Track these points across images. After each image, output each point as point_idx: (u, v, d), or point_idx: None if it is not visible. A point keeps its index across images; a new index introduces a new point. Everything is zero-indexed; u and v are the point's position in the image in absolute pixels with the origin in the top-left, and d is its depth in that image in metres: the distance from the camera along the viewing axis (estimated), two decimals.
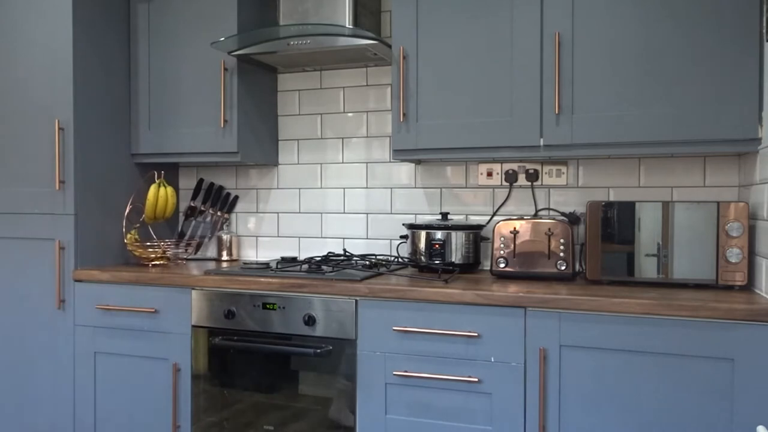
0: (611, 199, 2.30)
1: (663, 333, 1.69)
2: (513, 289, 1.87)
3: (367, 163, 2.65)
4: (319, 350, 2.00)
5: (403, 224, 2.39)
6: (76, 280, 2.35)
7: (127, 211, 2.56)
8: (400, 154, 2.24)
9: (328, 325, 2.01)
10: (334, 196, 2.69)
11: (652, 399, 1.71)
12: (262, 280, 2.08)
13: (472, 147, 2.13)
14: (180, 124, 2.52)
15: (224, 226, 2.80)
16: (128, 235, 2.51)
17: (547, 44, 2.02)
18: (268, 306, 2.08)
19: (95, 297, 2.31)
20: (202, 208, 2.82)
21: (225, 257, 2.72)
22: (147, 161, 2.61)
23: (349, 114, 2.67)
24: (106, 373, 2.32)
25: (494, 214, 2.45)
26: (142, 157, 2.61)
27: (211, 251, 2.86)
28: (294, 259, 2.52)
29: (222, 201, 2.81)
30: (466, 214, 2.50)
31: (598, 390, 1.75)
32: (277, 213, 2.79)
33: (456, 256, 2.27)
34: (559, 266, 2.07)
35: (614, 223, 1.98)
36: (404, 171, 2.59)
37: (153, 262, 2.48)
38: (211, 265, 2.54)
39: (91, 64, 2.42)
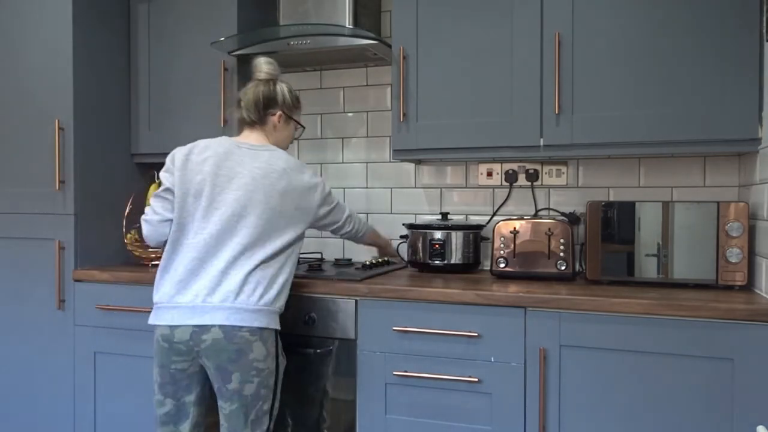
0: (611, 199, 2.30)
1: (663, 333, 1.69)
2: (513, 289, 1.87)
3: (367, 163, 2.65)
4: (319, 350, 2.00)
5: (403, 224, 2.39)
6: (76, 280, 2.35)
7: (127, 211, 2.56)
8: (400, 154, 2.24)
9: (328, 325, 2.01)
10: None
11: (652, 399, 1.71)
12: None
13: (472, 147, 2.13)
14: (180, 124, 2.52)
15: None
16: (128, 235, 2.51)
17: (547, 44, 2.02)
18: None
19: (95, 297, 2.31)
20: None
21: None
22: (147, 161, 2.61)
23: (349, 114, 2.67)
24: (106, 373, 2.32)
25: (494, 214, 2.45)
26: (142, 157, 2.61)
27: None
28: None
29: None
30: (466, 214, 2.50)
31: (598, 390, 1.75)
32: None
33: (456, 256, 2.27)
34: (559, 266, 2.07)
35: (614, 223, 1.98)
36: (404, 171, 2.59)
37: (153, 262, 2.48)
38: None
39: (91, 64, 2.42)
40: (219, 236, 1.76)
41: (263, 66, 1.95)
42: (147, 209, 1.87)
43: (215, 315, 1.71)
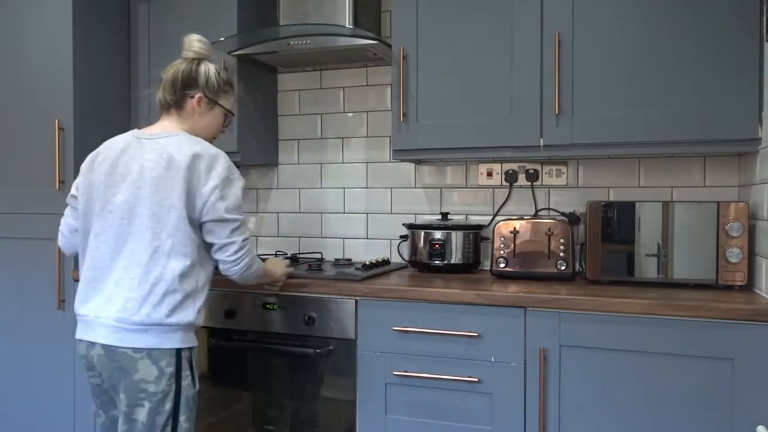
0: (611, 199, 2.30)
1: (663, 333, 1.69)
2: (513, 289, 1.87)
3: (367, 163, 2.65)
4: (319, 350, 2.00)
5: (403, 224, 2.39)
6: (76, 280, 2.34)
7: None
8: (400, 154, 2.24)
9: (328, 325, 2.01)
10: (334, 196, 2.69)
11: (652, 399, 1.71)
12: None
13: (472, 147, 2.13)
14: None
15: None
16: None
17: (547, 44, 2.02)
18: (268, 306, 2.08)
19: None
20: None
21: None
22: None
23: (349, 114, 2.67)
24: None
25: (495, 215, 2.45)
26: None
27: None
28: (294, 258, 2.52)
29: None
30: (466, 214, 2.50)
31: (598, 390, 1.75)
32: (277, 213, 2.79)
33: (456, 256, 2.27)
34: (559, 266, 2.07)
35: (614, 223, 1.98)
36: (404, 171, 2.59)
37: None
38: None
39: (91, 65, 2.42)
40: (113, 243, 1.59)
41: (194, 44, 1.74)
42: (61, 220, 1.78)
43: (99, 332, 1.57)
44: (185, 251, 1.58)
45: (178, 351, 1.58)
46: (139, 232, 1.58)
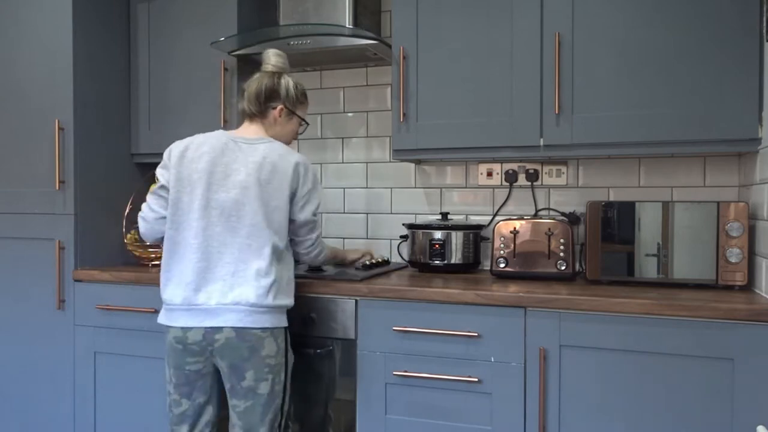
0: (611, 199, 2.31)
1: (663, 333, 1.69)
2: (513, 289, 1.87)
3: (367, 163, 2.65)
4: (319, 350, 2.00)
5: (403, 224, 2.39)
6: (76, 280, 2.35)
7: (127, 211, 2.56)
8: (400, 154, 2.24)
9: (328, 325, 2.01)
10: (334, 196, 2.69)
11: (652, 399, 1.71)
12: None
13: (472, 147, 2.13)
14: (180, 124, 2.52)
15: None
16: (128, 235, 2.51)
17: (547, 44, 2.02)
18: None
19: (95, 297, 2.31)
20: None
21: None
22: (147, 161, 2.61)
23: (349, 114, 2.67)
24: (106, 373, 2.32)
25: (495, 215, 2.45)
26: (142, 157, 2.61)
27: None
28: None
29: None
30: (466, 214, 2.50)
31: (598, 390, 1.75)
32: None
33: (456, 256, 2.27)
34: (559, 266, 2.07)
35: (614, 223, 1.98)
36: (404, 171, 2.59)
37: (153, 262, 2.48)
38: None
39: (91, 65, 2.42)
40: (221, 238, 1.75)
41: (272, 58, 1.93)
42: (144, 206, 1.88)
43: (228, 317, 1.72)
44: (286, 244, 1.83)
45: (286, 328, 1.83)
46: (250, 226, 1.76)
